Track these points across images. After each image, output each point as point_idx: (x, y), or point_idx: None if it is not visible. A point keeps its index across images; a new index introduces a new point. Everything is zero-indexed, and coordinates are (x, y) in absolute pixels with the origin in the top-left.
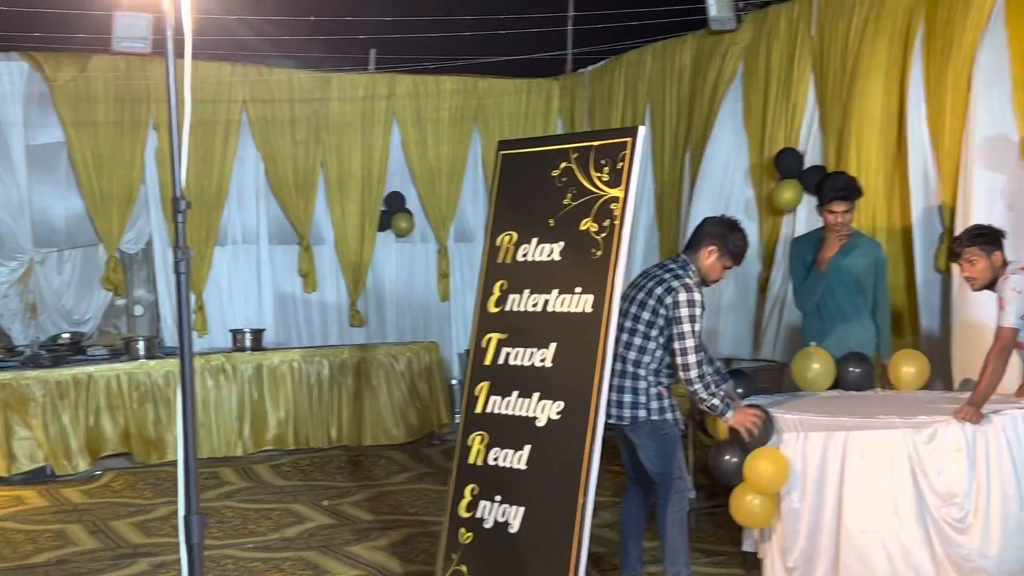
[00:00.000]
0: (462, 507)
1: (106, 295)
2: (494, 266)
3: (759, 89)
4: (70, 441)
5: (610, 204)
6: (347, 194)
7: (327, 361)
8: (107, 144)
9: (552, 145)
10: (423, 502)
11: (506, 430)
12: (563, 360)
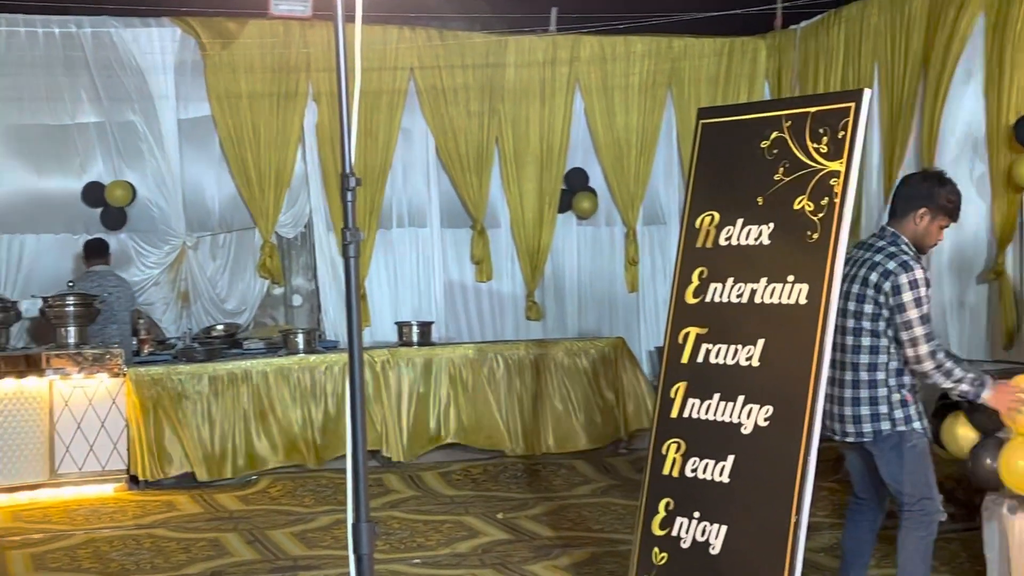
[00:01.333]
0: (655, 524)
1: (262, 283)
2: (692, 251)
3: (1000, 45)
4: (225, 442)
5: (829, 179)
6: (524, 171)
7: (501, 358)
8: (262, 118)
9: (761, 112)
10: (609, 517)
11: (706, 438)
12: (773, 358)
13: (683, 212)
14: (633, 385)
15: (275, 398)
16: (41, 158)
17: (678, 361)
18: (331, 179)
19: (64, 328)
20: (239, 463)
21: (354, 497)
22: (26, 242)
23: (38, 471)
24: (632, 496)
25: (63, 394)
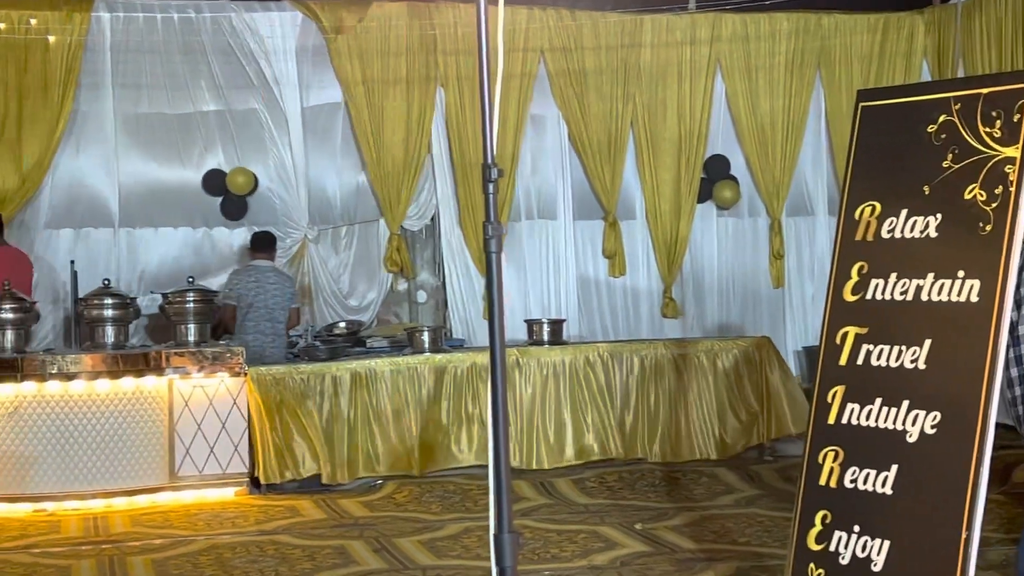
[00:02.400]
0: (811, 538)
1: (386, 279)
2: (851, 244)
3: None
4: (348, 445)
5: (1004, 167)
6: (661, 159)
7: (637, 358)
8: (390, 104)
9: (927, 94)
10: (755, 529)
11: (867, 446)
12: (941, 361)
13: (841, 202)
14: (779, 388)
15: (400, 399)
16: (160, 149)
17: (835, 363)
18: (461, 168)
19: (184, 325)
20: (363, 466)
21: (497, 506)
22: (144, 236)
23: (158, 474)
24: (780, 507)
25: (183, 394)
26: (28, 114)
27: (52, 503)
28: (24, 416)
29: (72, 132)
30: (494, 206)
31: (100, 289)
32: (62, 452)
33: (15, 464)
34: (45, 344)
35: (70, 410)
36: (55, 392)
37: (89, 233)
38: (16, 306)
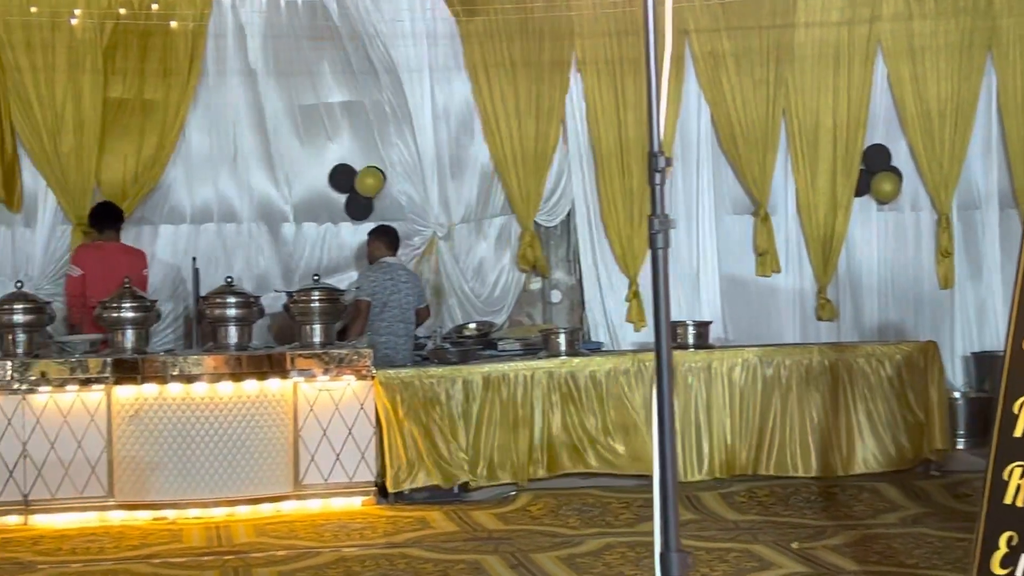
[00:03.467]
0: (995, 561)
1: (518, 278)
2: None
3: None
4: (480, 452)
5: None
6: (815, 149)
7: (789, 364)
8: (522, 91)
9: None
10: (925, 551)
11: None
12: None
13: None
14: (948, 397)
15: (535, 404)
16: (284, 140)
17: (1023, 370)
18: (600, 159)
19: (309, 325)
20: (495, 476)
21: (663, 522)
22: (266, 232)
23: (282, 481)
24: (951, 526)
25: (308, 398)
26: (148, 104)
27: (173, 511)
28: (144, 420)
29: (194, 123)
30: (661, 198)
31: (222, 287)
32: (183, 458)
33: (135, 470)
34: (165, 344)
35: (191, 414)
36: (176, 395)
37: (212, 228)
38: (136, 304)
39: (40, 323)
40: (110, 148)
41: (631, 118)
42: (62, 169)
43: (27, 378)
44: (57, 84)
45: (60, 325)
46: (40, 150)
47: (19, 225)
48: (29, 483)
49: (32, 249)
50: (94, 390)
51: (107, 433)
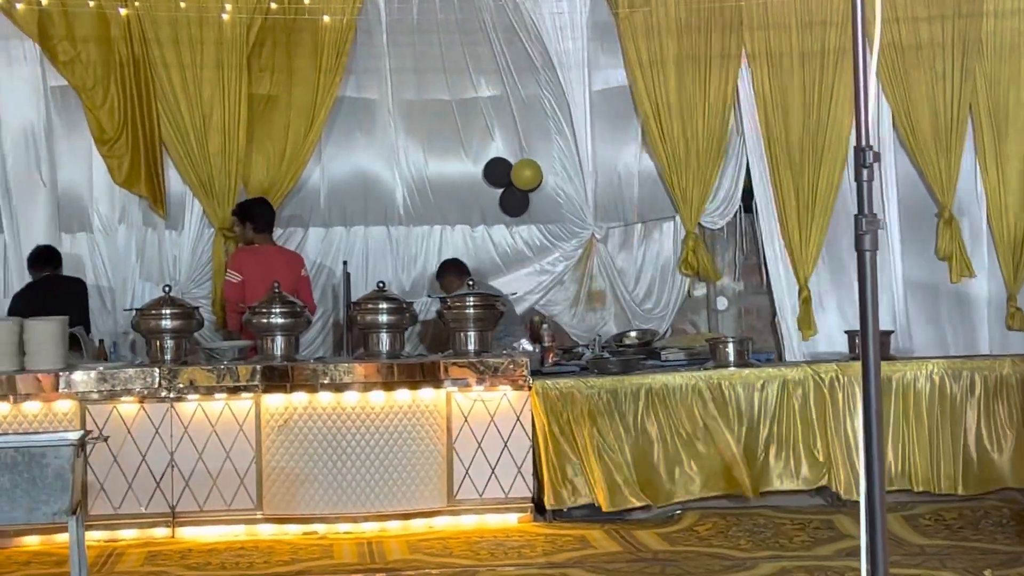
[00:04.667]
0: None
1: (682, 283)
2: None
3: None
4: (642, 468)
5: None
6: (1006, 146)
7: (979, 377)
8: (686, 86)
9: None
10: None
11: None
12: None
13: None
14: None
15: (699, 418)
16: (437, 138)
17: None
18: (772, 157)
19: (463, 333)
20: (659, 493)
21: (871, 548)
22: (419, 235)
23: (435, 496)
24: None
25: (462, 408)
26: (295, 101)
27: (323, 525)
28: (293, 430)
29: (342, 120)
30: (868, 195)
31: (374, 292)
32: (333, 470)
33: (284, 482)
34: (316, 352)
35: (342, 424)
36: (326, 404)
37: (362, 231)
38: (287, 310)
39: (188, 329)
40: (256, 148)
41: (805, 113)
42: (208, 171)
43: (175, 386)
44: (205, 82)
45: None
46: (186, 151)
47: (166, 228)
48: (177, 494)
49: (179, 252)
50: (243, 398)
51: (256, 443)
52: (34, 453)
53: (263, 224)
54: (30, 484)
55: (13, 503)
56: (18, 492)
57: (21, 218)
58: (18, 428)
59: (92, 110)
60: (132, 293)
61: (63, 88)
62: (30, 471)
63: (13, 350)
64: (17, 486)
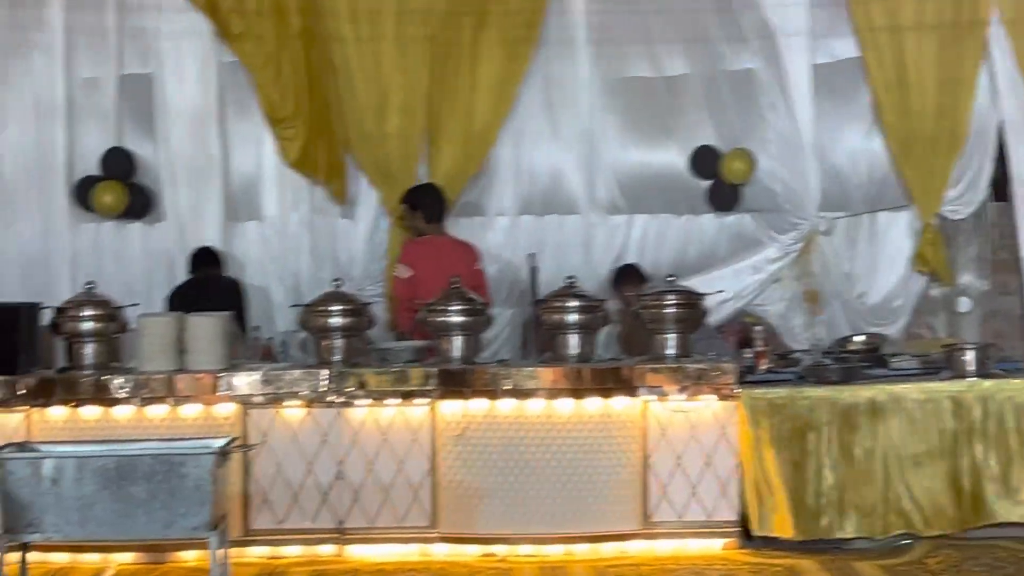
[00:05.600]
0: None
1: (918, 282)
2: None
3: None
4: (864, 490)
5: None
6: None
7: None
8: (923, 56)
9: None
10: None
11: None
12: None
13: None
14: None
15: (933, 435)
16: (638, 120)
17: None
18: None
19: (662, 335)
20: (883, 520)
21: None
22: (616, 225)
23: (628, 517)
24: None
25: (659, 419)
26: (482, 77)
27: (504, 546)
28: (472, 440)
29: (531, 99)
30: None
31: (563, 289)
32: (515, 485)
33: (461, 498)
34: (500, 354)
35: (525, 434)
36: (508, 412)
37: (552, 221)
38: (467, 308)
39: (359, 327)
40: (438, 128)
41: None
42: (386, 153)
43: (344, 389)
44: (383, 56)
45: (381, 330)
46: (361, 132)
47: (340, 216)
48: (345, 509)
49: (353, 244)
50: (417, 404)
51: (431, 454)
52: (173, 462)
53: (434, 213)
54: (168, 495)
55: (150, 516)
56: (155, 504)
57: (187, 206)
58: (175, 432)
59: (264, 87)
60: (303, 288)
61: (233, 64)
62: (168, 481)
63: (172, 348)
64: (155, 497)
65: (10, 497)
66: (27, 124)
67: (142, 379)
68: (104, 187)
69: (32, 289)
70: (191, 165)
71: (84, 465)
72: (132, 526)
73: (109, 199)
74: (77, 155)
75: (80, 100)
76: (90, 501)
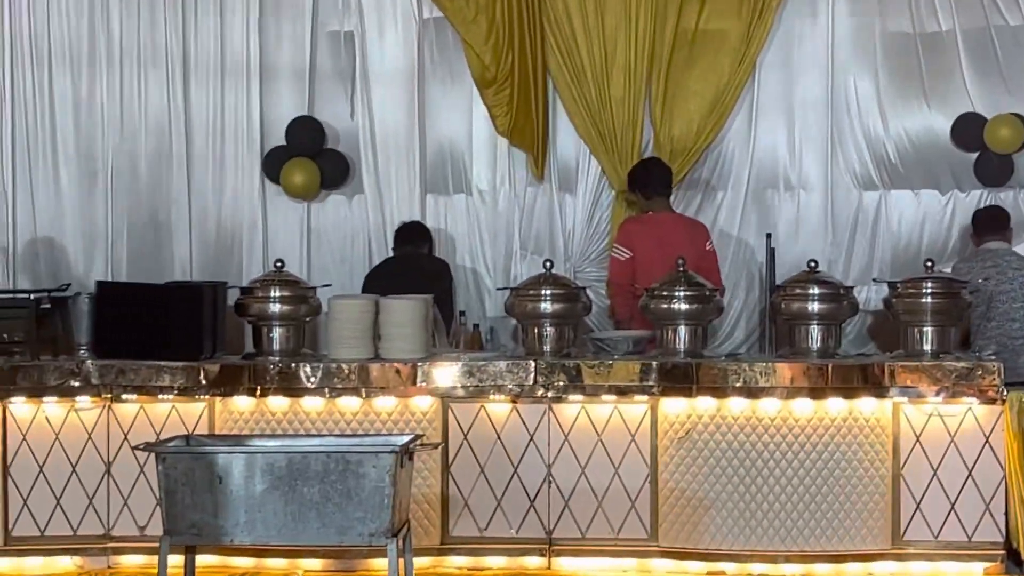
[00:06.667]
0: None
1: None
2: None
3: None
4: None
5: None
6: None
7: None
8: None
9: None
10: None
11: None
12: None
13: None
14: None
15: None
16: (894, 81)
17: None
18: None
19: (917, 328)
20: None
21: None
22: (869, 202)
23: (876, 535)
24: None
25: (913, 425)
26: (715, 36)
27: (732, 564)
28: (697, 443)
29: (774, 61)
30: None
31: (804, 274)
32: (746, 495)
33: (685, 508)
34: (732, 346)
35: (757, 438)
36: (738, 412)
37: (795, 196)
38: (693, 294)
39: (572, 314)
40: (668, 93)
41: None
42: (610, 120)
43: (554, 383)
44: (607, 11)
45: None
46: (581, 96)
47: (559, 190)
48: (554, 517)
49: (569, 221)
50: (636, 401)
51: (650, 458)
52: (349, 461)
53: (657, 187)
54: (344, 498)
55: (324, 520)
56: (330, 507)
57: (385, 176)
58: (368, 428)
59: (473, 46)
60: (513, 269)
61: (438, 20)
62: (344, 482)
63: (367, 334)
64: (329, 499)
65: (173, 496)
66: (216, 85)
67: (333, 368)
68: (294, 165)
69: (218, 267)
70: (391, 132)
71: (252, 462)
72: (304, 531)
73: (300, 179)
74: (268, 121)
75: (273, 60)
76: (259, 502)
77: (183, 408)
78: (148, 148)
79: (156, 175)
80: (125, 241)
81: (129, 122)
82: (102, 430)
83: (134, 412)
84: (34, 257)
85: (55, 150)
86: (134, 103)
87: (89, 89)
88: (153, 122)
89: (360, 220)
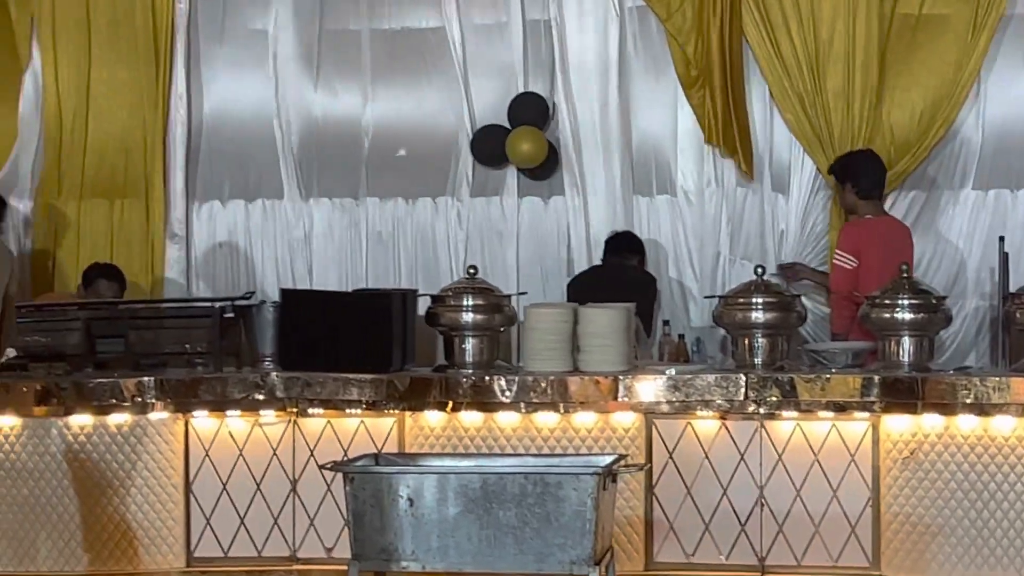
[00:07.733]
0: None
1: None
2: None
3: None
4: None
5: None
6: None
7: None
8: None
9: None
10: None
11: None
12: None
13: None
14: None
15: None
16: None
17: None
18: None
19: None
20: None
21: None
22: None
23: None
24: None
25: None
26: (943, 20)
27: None
28: (924, 464)
29: (1010, 44)
30: None
31: None
32: (977, 523)
33: (910, 535)
34: (957, 359)
35: (990, 460)
36: (968, 432)
37: None
38: (920, 302)
39: (786, 324)
40: (891, 84)
41: None
42: (826, 115)
43: (766, 398)
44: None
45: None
46: (793, 89)
47: (772, 191)
48: (767, 542)
49: (782, 223)
50: (856, 419)
51: (872, 480)
52: (548, 483)
53: (869, 185)
54: (542, 523)
55: (521, 546)
56: (527, 532)
57: (589, 175)
58: (566, 445)
59: (677, 38)
60: (722, 274)
61: (642, 9)
62: (543, 506)
63: (565, 345)
64: (527, 524)
65: (361, 518)
66: (420, 77)
67: (530, 381)
68: (521, 133)
69: (407, 273)
70: (591, 129)
71: (445, 484)
72: (500, 557)
73: (527, 147)
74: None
75: (478, 48)
76: (452, 526)
77: (371, 423)
78: None
79: None
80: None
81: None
82: (287, 446)
83: (320, 427)
84: (213, 263)
85: None
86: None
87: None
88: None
89: (559, 222)
